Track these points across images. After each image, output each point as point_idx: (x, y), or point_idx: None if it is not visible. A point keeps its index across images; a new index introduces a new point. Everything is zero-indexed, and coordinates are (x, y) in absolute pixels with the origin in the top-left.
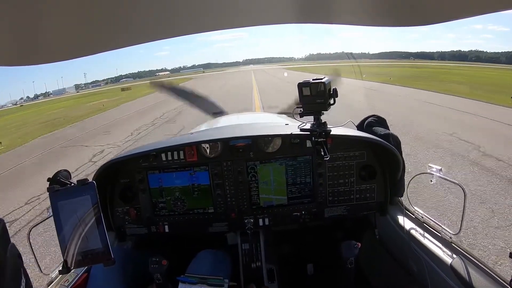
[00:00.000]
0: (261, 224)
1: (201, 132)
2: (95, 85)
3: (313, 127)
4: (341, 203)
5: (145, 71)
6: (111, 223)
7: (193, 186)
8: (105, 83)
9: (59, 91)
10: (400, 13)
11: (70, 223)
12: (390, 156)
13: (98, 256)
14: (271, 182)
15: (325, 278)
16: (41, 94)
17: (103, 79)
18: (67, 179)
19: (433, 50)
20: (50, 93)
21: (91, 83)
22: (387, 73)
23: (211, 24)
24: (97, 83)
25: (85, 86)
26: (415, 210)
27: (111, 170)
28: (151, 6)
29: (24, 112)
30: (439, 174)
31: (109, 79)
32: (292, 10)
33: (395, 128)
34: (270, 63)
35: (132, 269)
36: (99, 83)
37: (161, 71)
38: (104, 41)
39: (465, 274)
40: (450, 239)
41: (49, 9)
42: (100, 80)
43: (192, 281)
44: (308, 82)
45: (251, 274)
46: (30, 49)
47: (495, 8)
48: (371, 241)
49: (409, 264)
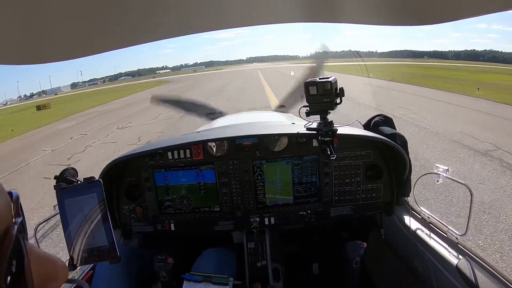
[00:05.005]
0: (267, 223)
1: (207, 131)
2: (92, 84)
3: (320, 126)
4: (347, 202)
5: (145, 69)
6: (117, 220)
7: (199, 185)
8: (102, 81)
9: (52, 90)
10: (406, 12)
11: (77, 220)
12: (396, 156)
13: (104, 254)
14: (277, 181)
15: (330, 278)
16: (36, 93)
17: (101, 77)
18: (73, 177)
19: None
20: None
21: (88, 82)
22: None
23: (216, 23)
24: (94, 81)
25: (82, 84)
26: (421, 211)
27: (117, 168)
28: (158, 5)
29: None
30: (446, 174)
31: (108, 77)
32: (298, 9)
33: None
34: (274, 61)
35: (138, 266)
36: (97, 82)
37: (161, 69)
38: (105, 41)
39: (471, 275)
40: (457, 240)
41: (51, 8)
42: (98, 78)
43: (197, 279)
44: (314, 81)
45: (257, 273)
46: (33, 48)
47: (502, 7)
48: (376, 241)
49: (415, 265)
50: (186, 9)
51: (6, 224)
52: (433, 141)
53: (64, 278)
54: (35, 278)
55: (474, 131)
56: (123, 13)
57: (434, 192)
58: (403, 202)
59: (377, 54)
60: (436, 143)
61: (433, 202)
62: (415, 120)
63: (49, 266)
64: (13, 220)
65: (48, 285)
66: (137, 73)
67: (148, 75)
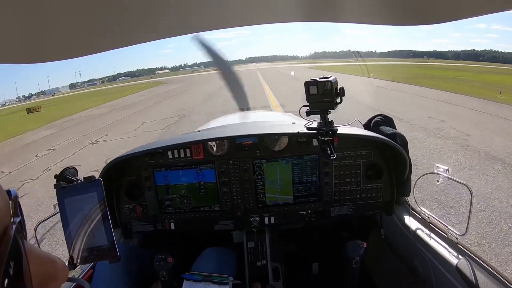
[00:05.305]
0: (267, 222)
1: (207, 130)
2: (91, 84)
3: (320, 125)
4: (347, 202)
5: (144, 70)
6: (117, 220)
7: (199, 184)
8: (101, 81)
9: (51, 91)
10: (406, 12)
11: (77, 219)
12: (397, 155)
13: (104, 253)
14: (278, 180)
15: (330, 278)
16: (35, 93)
17: (100, 78)
18: (74, 176)
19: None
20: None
21: (87, 82)
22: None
23: (216, 23)
24: (93, 81)
25: (81, 84)
26: (421, 210)
27: (117, 168)
28: (157, 5)
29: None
30: (446, 174)
31: (106, 78)
32: (298, 9)
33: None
34: (273, 62)
35: (138, 266)
36: (95, 82)
37: (160, 69)
38: (105, 40)
39: (471, 275)
40: (456, 239)
41: (51, 7)
42: (97, 78)
43: (197, 278)
44: (315, 81)
45: (256, 272)
46: (32, 47)
47: (502, 7)
48: (376, 241)
49: (415, 265)
50: (186, 8)
51: (4, 224)
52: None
53: (64, 278)
54: (35, 278)
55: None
56: (123, 12)
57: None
58: (403, 202)
59: (376, 54)
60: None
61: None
62: (459, 139)
63: (49, 266)
64: (11, 220)
65: (48, 285)
66: (136, 73)
67: (146, 75)
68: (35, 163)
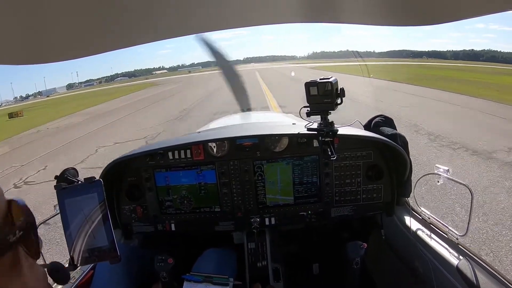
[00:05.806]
0: (267, 223)
1: (208, 131)
2: (88, 84)
3: (320, 126)
4: (347, 203)
5: (142, 70)
6: (118, 220)
7: (200, 185)
8: (99, 82)
9: (48, 92)
10: (406, 12)
11: (77, 220)
12: (397, 156)
13: (104, 254)
14: (278, 181)
15: (330, 278)
16: (32, 94)
17: (97, 78)
18: (74, 177)
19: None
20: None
21: (85, 82)
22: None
23: (215, 23)
24: (90, 82)
25: (79, 85)
26: (421, 211)
27: (118, 169)
28: (157, 6)
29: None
30: (446, 175)
31: (104, 78)
32: (298, 9)
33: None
34: (272, 62)
35: (138, 266)
36: (93, 82)
37: (158, 69)
38: (104, 41)
39: (471, 276)
40: (457, 240)
41: (50, 9)
42: (94, 79)
43: (197, 279)
44: (315, 82)
45: (257, 273)
46: (31, 49)
47: (502, 8)
48: (377, 242)
49: (415, 265)
50: (186, 9)
51: None
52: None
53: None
54: None
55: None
56: (122, 13)
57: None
58: (404, 203)
59: (375, 54)
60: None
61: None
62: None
63: None
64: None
65: None
66: (133, 74)
67: (144, 76)
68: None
